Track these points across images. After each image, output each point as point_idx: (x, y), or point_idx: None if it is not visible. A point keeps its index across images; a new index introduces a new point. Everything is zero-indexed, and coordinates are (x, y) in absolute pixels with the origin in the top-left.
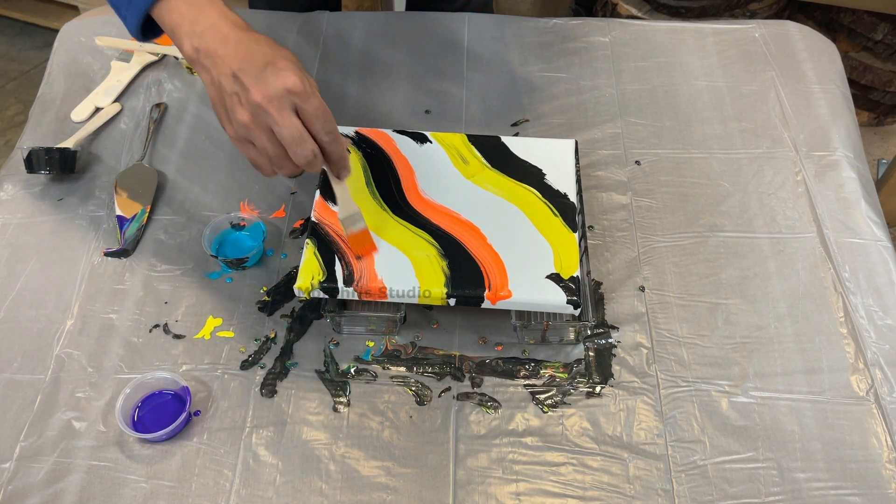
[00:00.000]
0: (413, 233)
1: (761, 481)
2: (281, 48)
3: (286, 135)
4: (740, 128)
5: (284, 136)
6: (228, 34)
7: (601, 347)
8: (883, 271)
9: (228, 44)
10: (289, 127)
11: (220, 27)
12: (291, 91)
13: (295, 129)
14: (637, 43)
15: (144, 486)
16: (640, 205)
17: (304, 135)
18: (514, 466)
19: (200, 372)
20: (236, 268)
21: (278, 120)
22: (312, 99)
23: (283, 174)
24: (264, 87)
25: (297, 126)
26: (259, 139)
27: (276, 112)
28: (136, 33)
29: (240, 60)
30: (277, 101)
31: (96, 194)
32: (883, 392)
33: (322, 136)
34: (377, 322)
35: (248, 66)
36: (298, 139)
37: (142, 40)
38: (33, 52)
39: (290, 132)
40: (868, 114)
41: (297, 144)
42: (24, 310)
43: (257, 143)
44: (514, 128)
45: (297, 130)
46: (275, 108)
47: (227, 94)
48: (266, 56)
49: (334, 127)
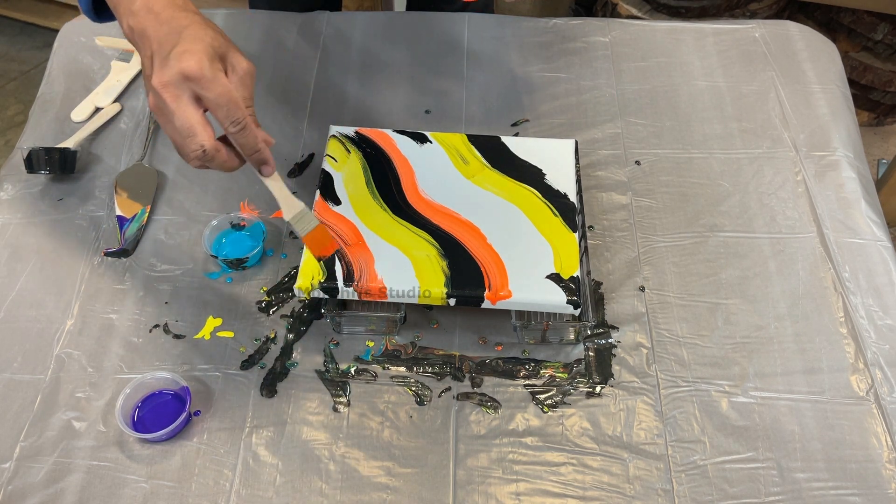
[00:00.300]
0: (413, 233)
1: (761, 481)
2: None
3: (177, 125)
4: (740, 128)
5: (176, 126)
6: (161, 13)
7: (601, 347)
8: (883, 271)
9: (158, 23)
10: (179, 117)
11: (153, 5)
12: (188, 76)
13: (184, 120)
14: (637, 43)
15: (144, 486)
16: (640, 205)
17: (193, 127)
18: (514, 466)
19: (200, 372)
20: (236, 268)
21: (172, 108)
22: (213, 84)
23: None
24: (162, 72)
25: (187, 117)
26: (164, 127)
27: (171, 100)
28: (88, 12)
29: (157, 42)
30: (173, 88)
31: (96, 194)
32: (883, 392)
33: (227, 125)
34: (377, 322)
35: (160, 48)
36: (187, 130)
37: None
38: (33, 52)
39: (181, 122)
40: (868, 114)
41: (186, 136)
42: (24, 310)
43: (165, 129)
44: (514, 128)
45: (185, 121)
46: (169, 94)
47: (145, 78)
48: (178, 38)
49: (241, 115)
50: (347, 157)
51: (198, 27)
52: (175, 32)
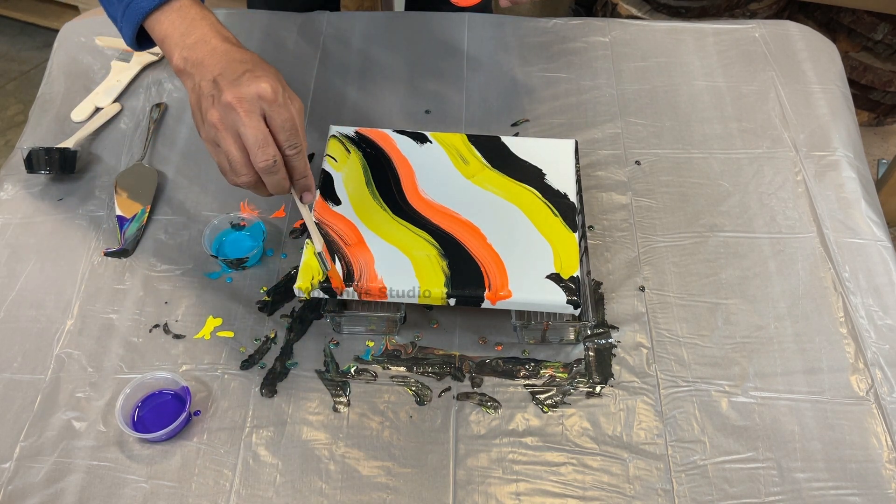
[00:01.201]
0: (413, 233)
1: (761, 481)
2: (265, 63)
3: (249, 136)
4: (740, 128)
5: (248, 136)
6: (217, 46)
7: (601, 347)
8: (883, 271)
9: (215, 54)
10: (253, 129)
11: (210, 40)
12: (262, 97)
13: (259, 132)
14: (637, 43)
15: (144, 486)
16: (640, 205)
17: (267, 139)
18: (514, 466)
19: (200, 372)
20: (236, 268)
21: (244, 121)
22: (282, 110)
23: (242, 183)
24: (237, 89)
25: (262, 129)
26: (224, 140)
27: (244, 113)
28: (132, 43)
29: (221, 67)
30: (247, 104)
31: (96, 194)
32: (883, 392)
33: (286, 148)
34: (377, 322)
35: (228, 71)
36: (261, 142)
37: (137, 49)
38: (33, 52)
39: (254, 133)
40: (868, 114)
41: (259, 147)
42: (24, 310)
43: (223, 144)
44: (514, 128)
45: (260, 133)
46: (243, 109)
47: (203, 97)
48: (247, 66)
49: (300, 143)
50: (347, 157)
51: (262, 61)
52: (238, 62)
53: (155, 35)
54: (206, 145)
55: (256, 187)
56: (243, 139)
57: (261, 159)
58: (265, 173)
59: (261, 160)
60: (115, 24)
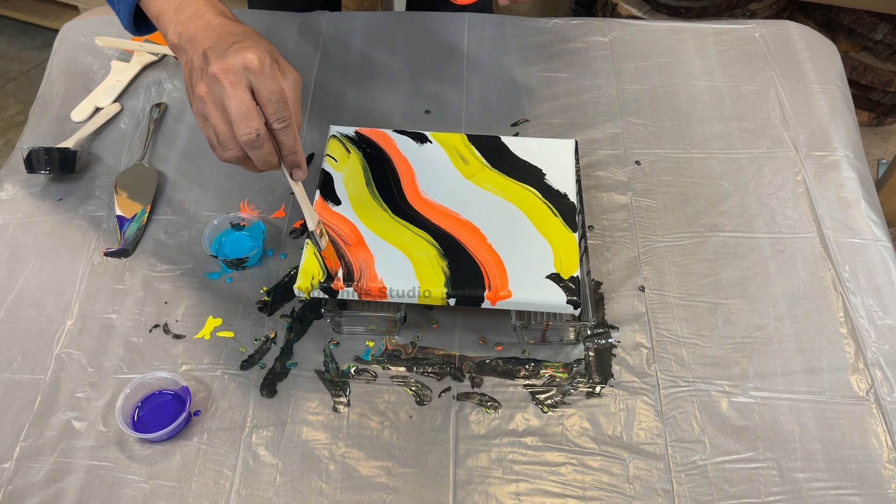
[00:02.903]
0: (413, 233)
1: (761, 481)
2: (260, 36)
3: (233, 108)
4: (740, 128)
5: (231, 108)
6: (211, 21)
7: (601, 347)
8: (883, 271)
9: (208, 28)
10: (237, 101)
11: (203, 14)
12: (248, 67)
13: (243, 104)
14: (637, 43)
15: (144, 486)
16: (640, 205)
17: (251, 111)
18: (514, 466)
19: (200, 372)
20: (236, 268)
21: (229, 92)
22: (269, 81)
23: (230, 157)
24: (223, 60)
25: (247, 101)
26: (211, 113)
27: (229, 85)
28: (129, 26)
29: (212, 41)
30: (232, 75)
31: (96, 194)
32: (883, 392)
33: (273, 121)
34: (377, 322)
35: (218, 44)
36: (245, 114)
37: (135, 34)
38: (33, 52)
39: (237, 105)
40: (868, 114)
41: (242, 119)
42: (24, 310)
43: (210, 117)
44: (514, 128)
45: (244, 105)
46: (228, 80)
47: (194, 71)
48: (237, 37)
49: (288, 116)
50: (347, 157)
51: (255, 33)
52: (230, 34)
53: (150, 12)
54: (197, 120)
55: (245, 163)
56: (227, 111)
57: (243, 132)
58: (249, 147)
59: (243, 133)
60: (113, 6)
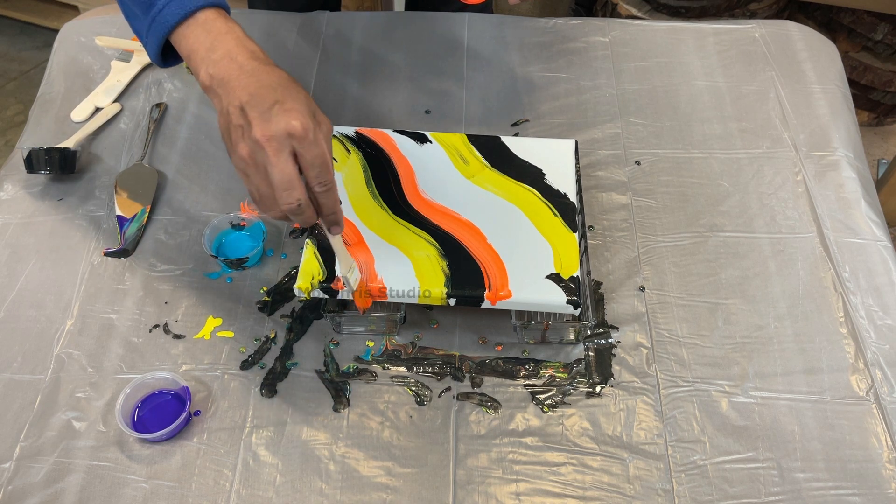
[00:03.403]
0: (413, 233)
1: (761, 481)
2: (295, 85)
3: (276, 177)
4: (740, 128)
5: (275, 178)
6: (244, 64)
7: (601, 347)
8: (883, 271)
9: (242, 74)
10: (281, 170)
11: (235, 56)
12: (292, 135)
13: (286, 174)
14: (637, 43)
15: (144, 486)
16: (640, 205)
17: (293, 181)
18: (514, 466)
19: (200, 372)
20: (236, 268)
21: (273, 161)
22: (313, 147)
23: (272, 217)
24: (266, 125)
25: (289, 171)
26: (254, 176)
27: (273, 153)
28: (157, 59)
29: (249, 94)
30: (277, 143)
31: (96, 194)
32: (883, 392)
33: (315, 185)
34: (377, 322)
35: (256, 101)
36: (287, 184)
37: (162, 66)
38: (33, 52)
39: (281, 176)
40: (868, 114)
41: (285, 189)
42: (24, 310)
43: (252, 179)
44: (514, 128)
45: (287, 175)
46: (272, 148)
47: (233, 126)
48: (276, 94)
49: (330, 179)
50: (347, 157)
51: (292, 84)
52: (267, 87)
53: (181, 50)
54: (238, 173)
55: (287, 220)
56: (270, 178)
57: (285, 202)
58: (290, 214)
59: (285, 202)
60: (141, 39)
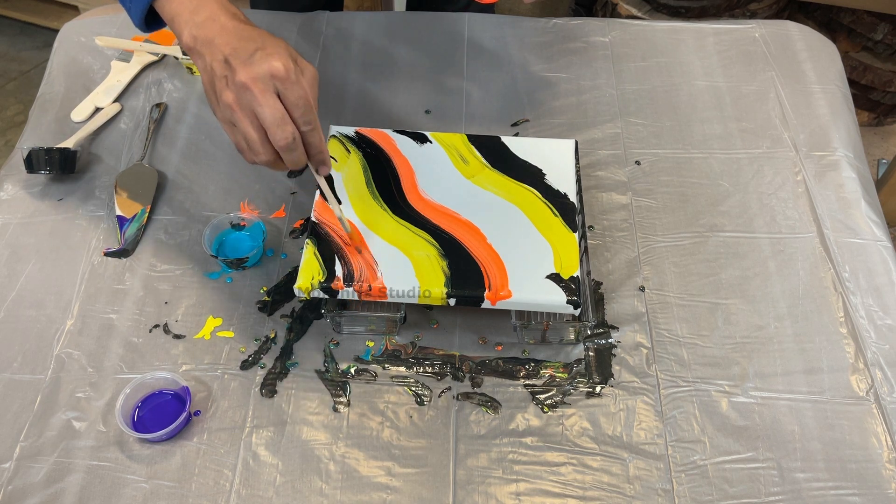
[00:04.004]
0: (413, 233)
1: (761, 481)
2: (277, 38)
3: (267, 115)
4: (740, 128)
5: (265, 116)
6: (227, 24)
7: (601, 347)
8: (883, 271)
9: (224, 32)
10: (270, 108)
11: (218, 17)
12: (275, 75)
13: (276, 111)
14: (637, 43)
15: (144, 486)
16: (640, 205)
17: (284, 117)
18: (514, 466)
19: (200, 372)
20: (236, 268)
21: (260, 100)
22: (296, 87)
23: (261, 162)
24: (250, 68)
25: (279, 108)
26: (241, 121)
27: (259, 93)
28: (140, 24)
29: (232, 47)
30: (262, 83)
31: (96, 194)
32: (883, 392)
33: (301, 124)
34: (377, 322)
35: (239, 51)
36: (279, 120)
37: (145, 31)
38: (33, 52)
39: (272, 113)
40: (868, 114)
41: (277, 126)
42: (24, 310)
43: (240, 125)
44: (514, 128)
45: (277, 112)
46: (258, 88)
47: (217, 78)
48: (257, 43)
49: (314, 118)
50: (347, 157)
51: (272, 35)
52: (249, 39)
53: (164, 14)
54: (223, 125)
55: (275, 164)
56: (260, 119)
57: (280, 137)
58: (284, 151)
59: (280, 138)
60: (125, 5)
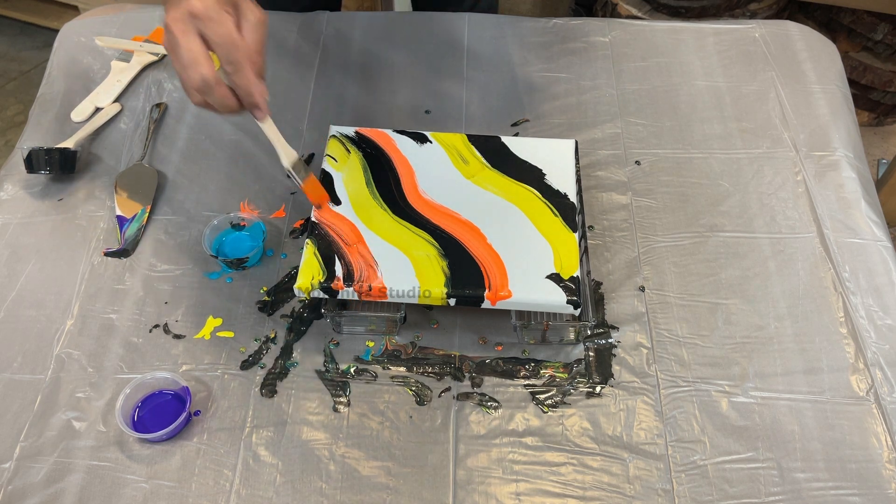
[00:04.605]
0: (413, 233)
1: (761, 481)
2: None
3: (182, 56)
4: (740, 128)
5: (183, 57)
6: None
7: (601, 347)
8: (883, 271)
9: None
10: (187, 49)
11: None
12: (194, 14)
13: (189, 52)
14: (637, 43)
15: (144, 486)
16: (640, 205)
17: (198, 58)
18: (514, 466)
19: (200, 372)
20: (236, 268)
21: (180, 41)
22: (215, 25)
23: (195, 103)
24: (174, 9)
25: (193, 49)
26: (174, 63)
27: (179, 33)
28: None
29: None
30: (182, 23)
31: (96, 194)
32: (883, 392)
33: (224, 64)
34: (377, 322)
35: None
36: (192, 61)
37: None
38: (33, 52)
39: (187, 54)
40: (868, 114)
41: (189, 67)
42: (24, 310)
43: (174, 66)
44: (514, 128)
45: (191, 53)
46: (178, 29)
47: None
48: None
49: (238, 58)
50: (347, 157)
51: None
52: None
53: None
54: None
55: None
56: (178, 59)
57: (188, 77)
58: (200, 93)
59: (188, 79)
60: None
